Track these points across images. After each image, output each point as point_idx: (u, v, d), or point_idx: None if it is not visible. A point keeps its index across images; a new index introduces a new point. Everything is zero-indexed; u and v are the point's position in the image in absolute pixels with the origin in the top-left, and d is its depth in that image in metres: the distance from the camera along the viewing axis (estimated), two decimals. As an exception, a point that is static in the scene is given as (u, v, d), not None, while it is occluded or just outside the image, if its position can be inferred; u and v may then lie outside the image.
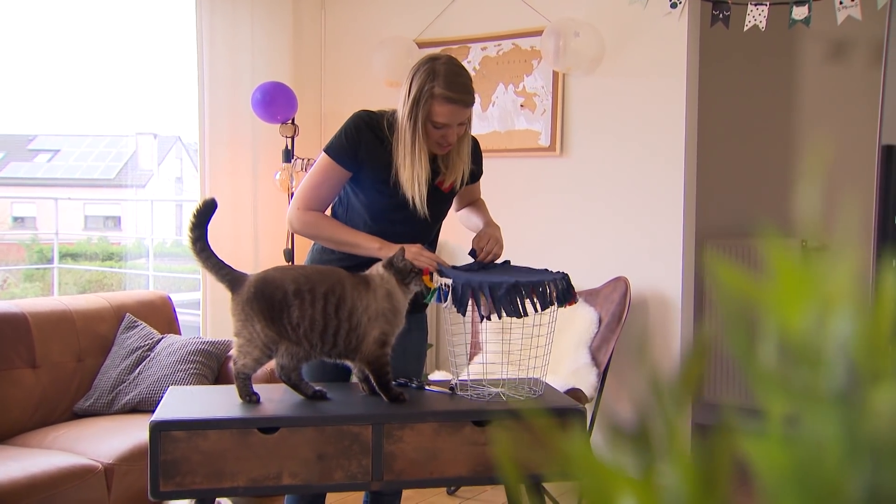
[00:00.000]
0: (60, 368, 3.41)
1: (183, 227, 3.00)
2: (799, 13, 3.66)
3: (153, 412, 2.13)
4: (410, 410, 2.17)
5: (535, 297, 2.18)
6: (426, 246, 2.40)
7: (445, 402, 2.26)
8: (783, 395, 0.39)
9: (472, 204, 2.66)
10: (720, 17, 3.83)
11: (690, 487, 0.40)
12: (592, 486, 0.42)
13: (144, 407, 3.38)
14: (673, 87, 3.92)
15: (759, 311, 0.41)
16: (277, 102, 4.29)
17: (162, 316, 3.84)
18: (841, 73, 4.53)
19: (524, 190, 4.29)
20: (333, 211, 2.52)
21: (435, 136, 2.34)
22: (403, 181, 2.35)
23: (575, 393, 3.47)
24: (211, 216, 2.21)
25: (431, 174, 2.40)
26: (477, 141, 2.58)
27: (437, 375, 3.86)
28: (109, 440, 3.04)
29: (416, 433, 2.13)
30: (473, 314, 2.22)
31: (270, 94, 4.28)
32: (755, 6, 3.74)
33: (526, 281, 2.19)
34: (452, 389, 2.34)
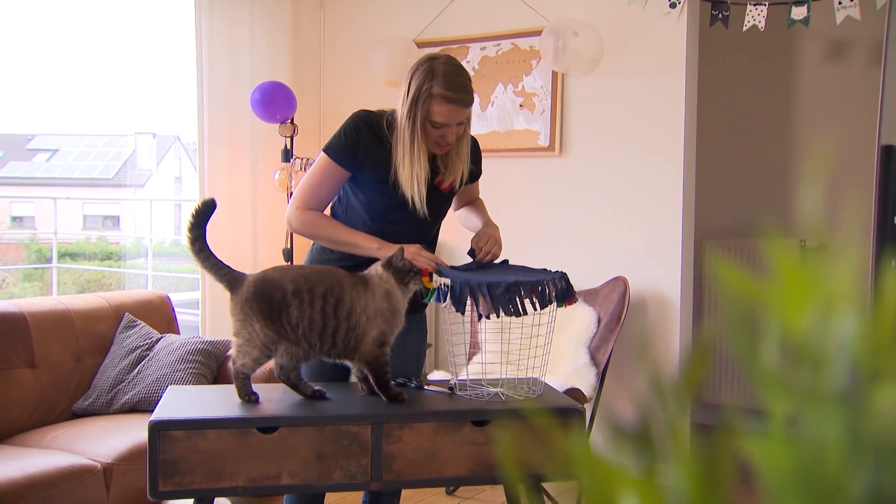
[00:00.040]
0: (59, 368, 3.41)
1: (182, 226, 3.00)
2: (798, 13, 3.66)
3: (152, 412, 2.12)
4: (409, 410, 2.17)
5: (534, 296, 2.18)
6: (425, 246, 2.39)
7: (444, 401, 2.26)
8: (785, 395, 0.39)
9: (470, 203, 2.66)
10: (719, 17, 3.83)
11: (692, 487, 0.40)
12: (594, 485, 0.42)
13: (143, 407, 3.38)
14: (672, 87, 3.92)
15: (761, 311, 0.41)
16: (276, 102, 4.29)
17: (161, 315, 3.84)
18: (840, 73, 4.53)
19: (523, 190, 4.29)
20: (333, 210, 2.52)
21: (434, 135, 2.34)
22: (402, 181, 2.35)
23: (574, 393, 3.47)
24: (210, 216, 2.21)
25: (431, 174, 2.40)
26: (476, 141, 2.58)
27: (436, 375, 3.86)
28: (108, 440, 3.04)
29: (415, 433, 2.13)
30: (472, 314, 2.22)
31: (269, 93, 4.28)
32: (754, 6, 3.74)
33: (525, 280, 2.19)
34: (451, 389, 2.34)
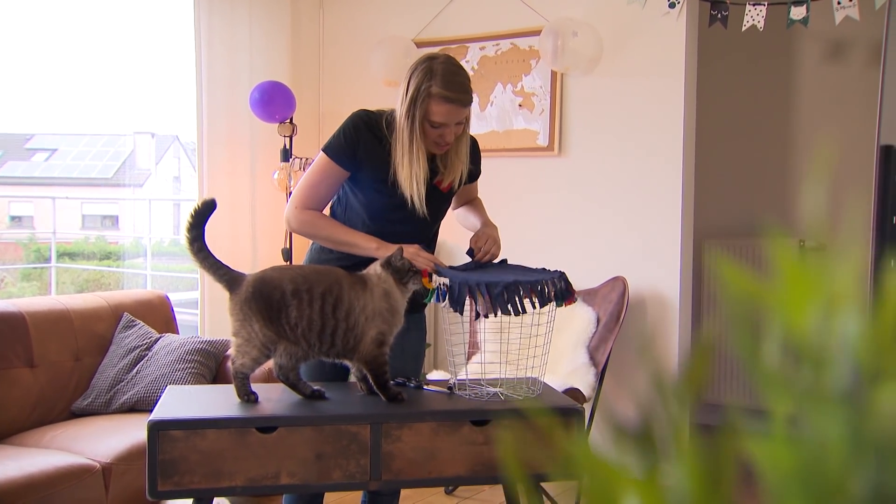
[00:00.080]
0: (58, 368, 3.41)
1: (181, 226, 2.99)
2: (797, 13, 3.66)
3: (151, 411, 2.12)
4: (409, 410, 2.16)
5: (533, 295, 2.18)
6: (424, 246, 2.39)
7: (444, 401, 2.26)
8: (787, 394, 0.39)
9: (469, 203, 2.66)
10: (718, 17, 3.83)
11: (694, 488, 0.40)
12: (595, 485, 0.42)
13: (142, 406, 3.38)
14: (671, 87, 3.92)
15: (763, 311, 0.40)
16: (276, 102, 4.29)
17: (160, 315, 3.84)
18: (839, 73, 4.53)
19: (522, 190, 4.29)
20: (332, 210, 2.52)
21: (432, 135, 2.34)
22: (401, 180, 2.35)
23: (573, 392, 3.47)
24: (209, 216, 2.21)
25: (430, 174, 2.40)
26: (476, 141, 2.58)
27: (435, 375, 3.86)
28: (107, 439, 3.03)
29: (414, 433, 2.13)
30: (471, 313, 2.22)
31: (269, 93, 4.28)
32: (753, 6, 3.74)
33: (524, 280, 2.19)
34: (451, 389, 2.34)
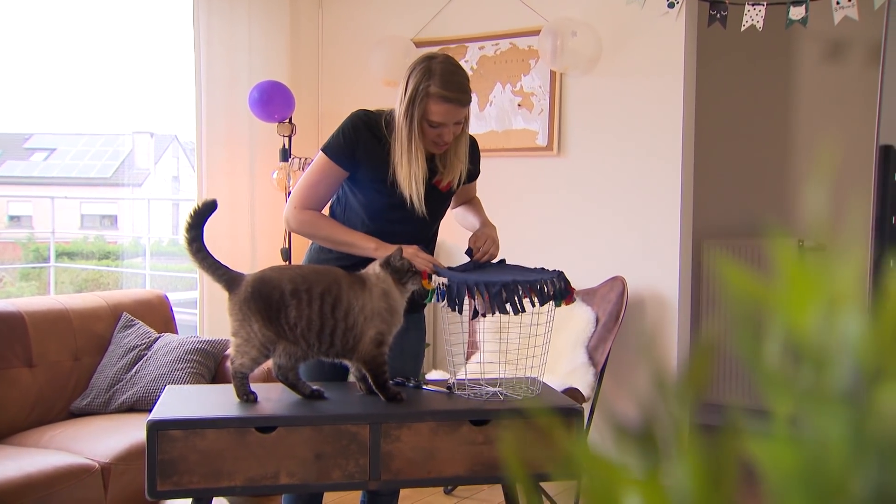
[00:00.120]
0: (57, 367, 3.41)
1: (180, 226, 2.99)
2: (796, 13, 3.67)
3: (150, 411, 2.12)
4: (408, 410, 2.16)
5: (532, 294, 2.18)
6: (423, 246, 2.39)
7: (443, 401, 2.26)
8: (789, 395, 0.39)
9: (467, 202, 2.66)
10: (717, 16, 3.83)
11: (696, 488, 0.40)
12: (596, 485, 0.42)
13: (141, 406, 3.38)
14: (670, 86, 3.92)
15: (765, 311, 0.40)
16: (275, 101, 4.28)
17: (159, 315, 3.84)
18: (838, 73, 4.53)
19: (521, 189, 4.29)
20: (331, 210, 2.52)
21: (431, 134, 2.34)
22: (400, 180, 2.35)
23: (572, 392, 3.47)
24: (208, 217, 2.21)
25: (429, 173, 2.40)
26: (475, 140, 2.57)
27: (434, 375, 3.86)
28: (106, 439, 3.03)
29: (413, 432, 2.13)
30: (469, 312, 2.22)
31: (268, 93, 4.27)
32: (752, 6, 3.74)
33: (522, 280, 2.19)
34: (450, 389, 2.34)
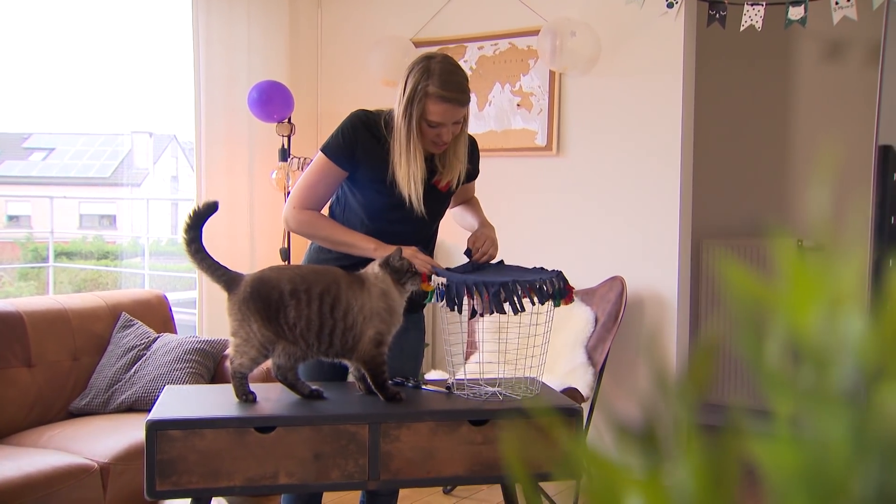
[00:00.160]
0: (56, 367, 3.41)
1: (178, 225, 2.98)
2: (795, 13, 3.67)
3: (149, 411, 2.12)
4: (407, 410, 2.16)
5: (531, 294, 2.18)
6: (422, 246, 2.39)
7: (442, 401, 2.26)
8: (791, 395, 0.39)
9: (466, 202, 2.66)
10: (716, 16, 3.83)
11: (698, 488, 0.40)
12: (596, 485, 0.42)
13: (140, 406, 3.38)
14: (669, 86, 3.92)
15: (766, 311, 0.40)
16: (274, 101, 4.28)
17: (158, 315, 3.83)
18: (837, 73, 4.53)
19: (520, 189, 4.29)
20: (331, 210, 2.52)
21: (430, 134, 2.34)
22: (399, 180, 2.35)
23: (571, 392, 3.47)
24: (208, 218, 2.21)
25: (428, 173, 2.40)
26: (475, 140, 2.57)
27: (433, 375, 3.86)
28: (105, 439, 3.03)
29: (412, 432, 2.12)
30: (468, 312, 2.22)
31: (267, 93, 4.27)
32: (751, 6, 3.74)
33: (521, 280, 2.19)
34: (449, 389, 2.34)
